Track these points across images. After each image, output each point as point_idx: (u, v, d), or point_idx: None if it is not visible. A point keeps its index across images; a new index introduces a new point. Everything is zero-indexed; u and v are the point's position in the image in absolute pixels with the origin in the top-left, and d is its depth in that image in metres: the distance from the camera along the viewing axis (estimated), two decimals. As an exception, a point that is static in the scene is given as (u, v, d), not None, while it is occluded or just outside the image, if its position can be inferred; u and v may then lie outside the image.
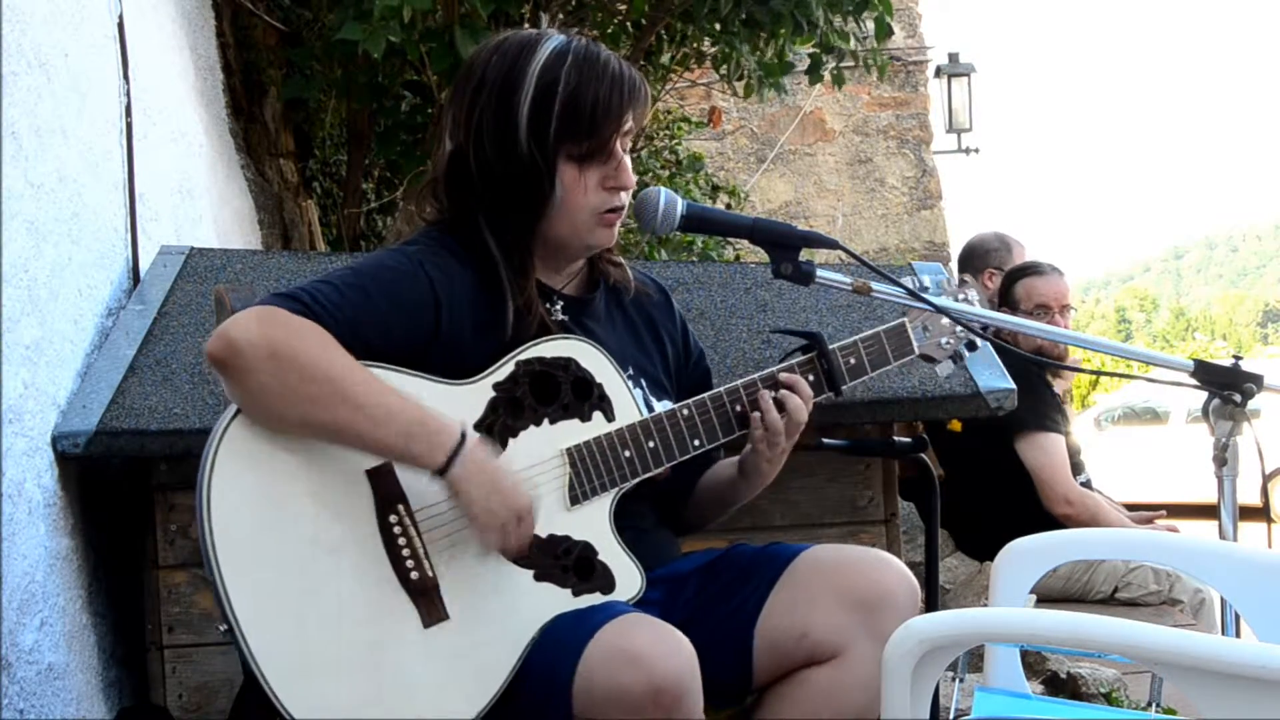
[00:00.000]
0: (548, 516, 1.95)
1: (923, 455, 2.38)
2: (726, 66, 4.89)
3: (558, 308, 2.08)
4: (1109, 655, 2.69)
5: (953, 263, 9.18)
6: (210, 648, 2.63)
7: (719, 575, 2.06)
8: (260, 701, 1.79)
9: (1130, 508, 4.51)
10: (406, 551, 1.86)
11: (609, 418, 2.01)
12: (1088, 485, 4.26)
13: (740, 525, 2.48)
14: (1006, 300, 4.31)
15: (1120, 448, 13.69)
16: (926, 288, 2.13)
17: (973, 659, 2.78)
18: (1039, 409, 4.11)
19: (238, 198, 4.45)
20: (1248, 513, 2.22)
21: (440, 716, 1.82)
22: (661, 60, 5.20)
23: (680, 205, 2.08)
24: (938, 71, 11.03)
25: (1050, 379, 4.33)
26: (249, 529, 1.81)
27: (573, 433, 1.99)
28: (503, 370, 1.96)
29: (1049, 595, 4.11)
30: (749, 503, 2.22)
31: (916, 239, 10.46)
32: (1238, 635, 2.16)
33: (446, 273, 1.98)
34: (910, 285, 2.12)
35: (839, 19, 4.72)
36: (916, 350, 2.20)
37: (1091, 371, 3.94)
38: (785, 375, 2.09)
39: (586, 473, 1.98)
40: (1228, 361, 2.09)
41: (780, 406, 2.06)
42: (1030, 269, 4.40)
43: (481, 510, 1.85)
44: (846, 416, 2.69)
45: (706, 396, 2.06)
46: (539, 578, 1.93)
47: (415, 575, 1.86)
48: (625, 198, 2.06)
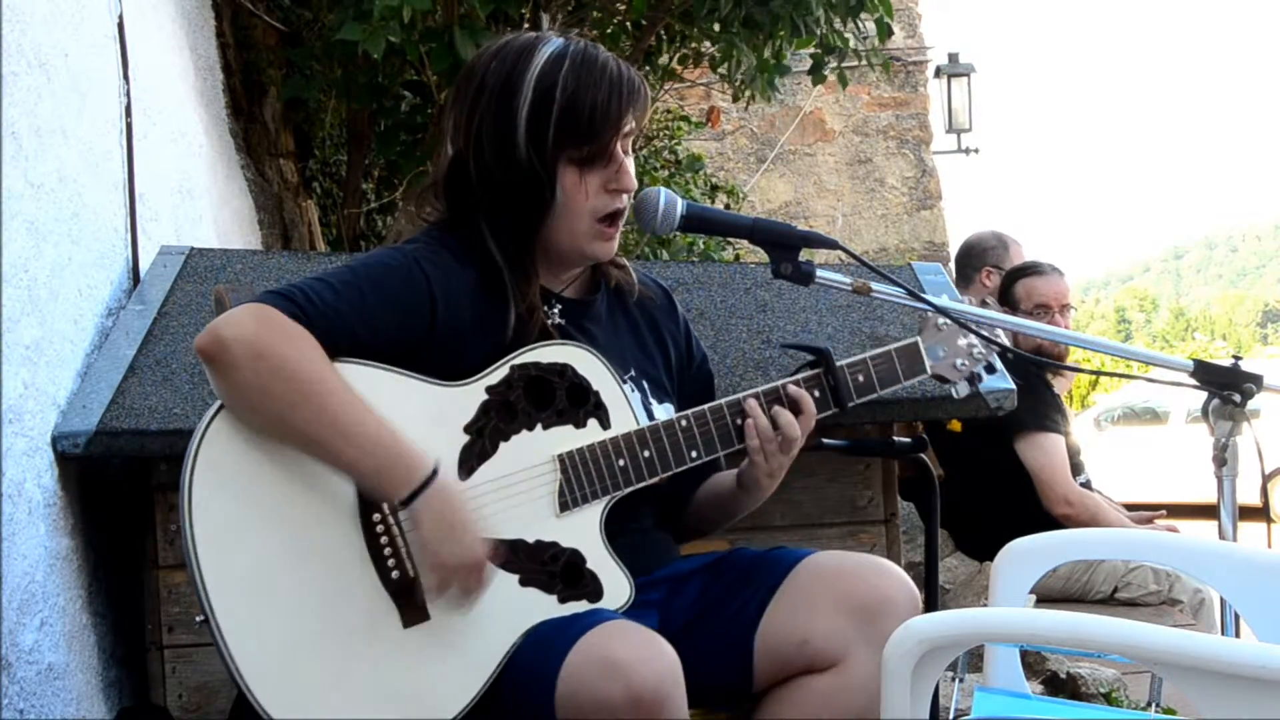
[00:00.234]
0: (536, 522, 1.94)
1: (922, 455, 2.37)
2: (727, 66, 4.88)
3: (555, 311, 2.07)
4: (1109, 655, 2.69)
5: (952, 263, 9.20)
6: (210, 648, 2.60)
7: (720, 578, 2.05)
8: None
9: (1130, 508, 4.51)
10: (388, 550, 1.86)
11: (604, 425, 1.99)
12: (1087, 485, 4.26)
13: (740, 525, 2.48)
14: (1006, 300, 4.30)
15: (1120, 448, 13.68)
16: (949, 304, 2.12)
17: (972, 659, 2.78)
18: (1039, 409, 4.11)
19: (238, 198, 4.44)
20: (1247, 513, 2.22)
21: (419, 717, 1.82)
22: (660, 60, 5.20)
23: (680, 205, 2.08)
24: (937, 72, 11.04)
25: (1050, 379, 4.33)
26: (229, 525, 1.80)
27: (566, 439, 1.97)
28: (497, 374, 1.95)
29: (1049, 595, 4.11)
30: (749, 505, 2.22)
31: (916, 239, 10.46)
32: (1237, 635, 2.17)
33: (445, 272, 1.97)
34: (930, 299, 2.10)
35: (838, 21, 4.71)
36: (929, 370, 2.17)
37: (1091, 371, 3.94)
38: (792, 389, 2.07)
39: (578, 480, 1.96)
40: (1227, 362, 2.09)
41: (775, 422, 2.04)
42: (1030, 269, 4.40)
43: (430, 552, 1.83)
44: (846, 417, 2.68)
45: (706, 408, 2.05)
46: (524, 583, 1.91)
47: (396, 575, 1.85)
48: (627, 200, 2.05)
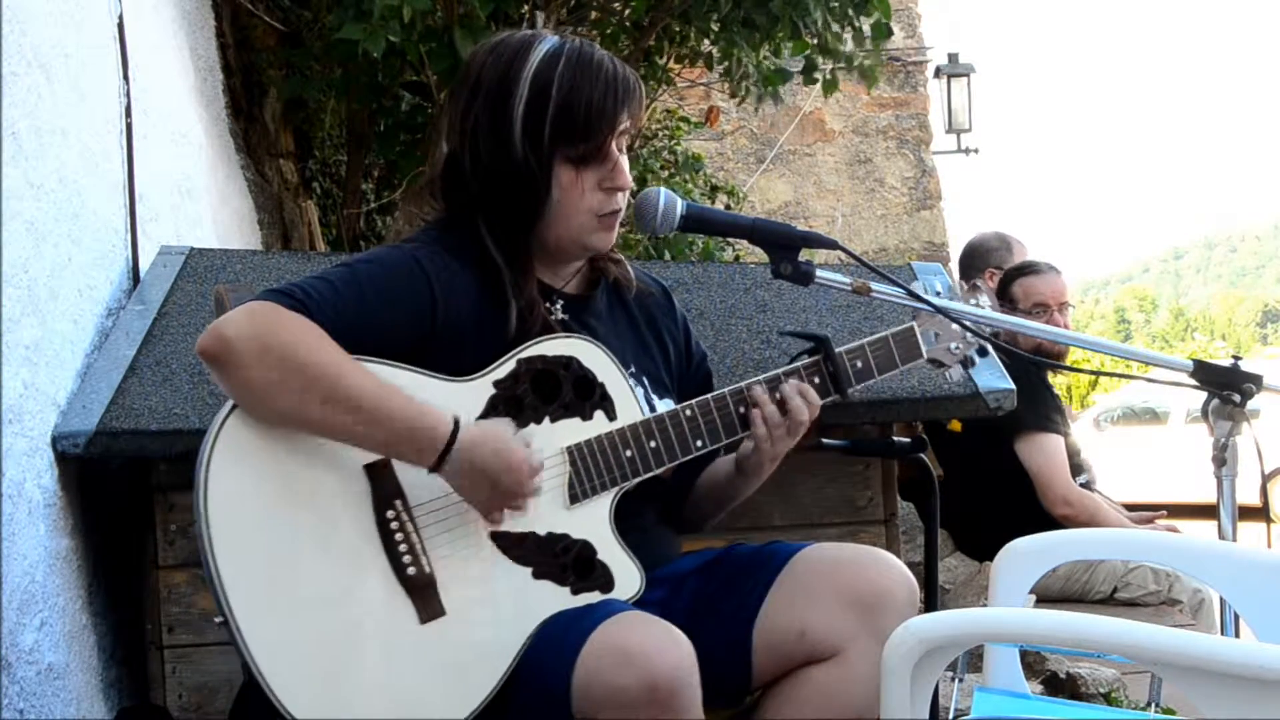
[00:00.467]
0: (547, 514, 1.95)
1: (922, 455, 2.38)
2: (727, 65, 4.89)
3: (558, 307, 2.08)
4: (1108, 655, 2.69)
5: (952, 263, 9.19)
6: (210, 648, 2.63)
7: (718, 574, 2.06)
8: (260, 701, 1.79)
9: (1130, 508, 4.51)
10: (404, 547, 1.87)
11: (610, 417, 2.00)
12: (1088, 486, 4.25)
13: (740, 525, 2.48)
14: (1004, 300, 4.30)
15: (1120, 448, 13.66)
16: (939, 293, 2.12)
17: (972, 659, 2.78)
18: (1039, 409, 4.11)
19: (238, 198, 4.44)
20: (1247, 513, 2.22)
21: (437, 712, 1.83)
22: (659, 61, 5.20)
23: (680, 205, 2.08)
24: (937, 72, 11.04)
25: (1050, 379, 4.32)
26: (246, 524, 1.81)
27: (573, 431, 1.98)
28: (503, 368, 1.96)
29: (1048, 595, 4.11)
30: (749, 502, 2.22)
31: (916, 239, 10.47)
32: (1237, 635, 2.17)
33: (445, 269, 1.98)
34: (920, 289, 2.11)
35: (836, 25, 4.71)
36: (924, 355, 2.18)
37: (1091, 372, 3.95)
38: (792, 382, 2.07)
39: (587, 471, 1.98)
40: (1227, 362, 2.09)
41: (783, 405, 2.06)
42: (1027, 268, 4.40)
43: (477, 500, 1.88)
44: (846, 416, 2.69)
45: (710, 397, 2.06)
46: (537, 575, 1.93)
47: (412, 571, 1.86)
48: (623, 199, 2.06)
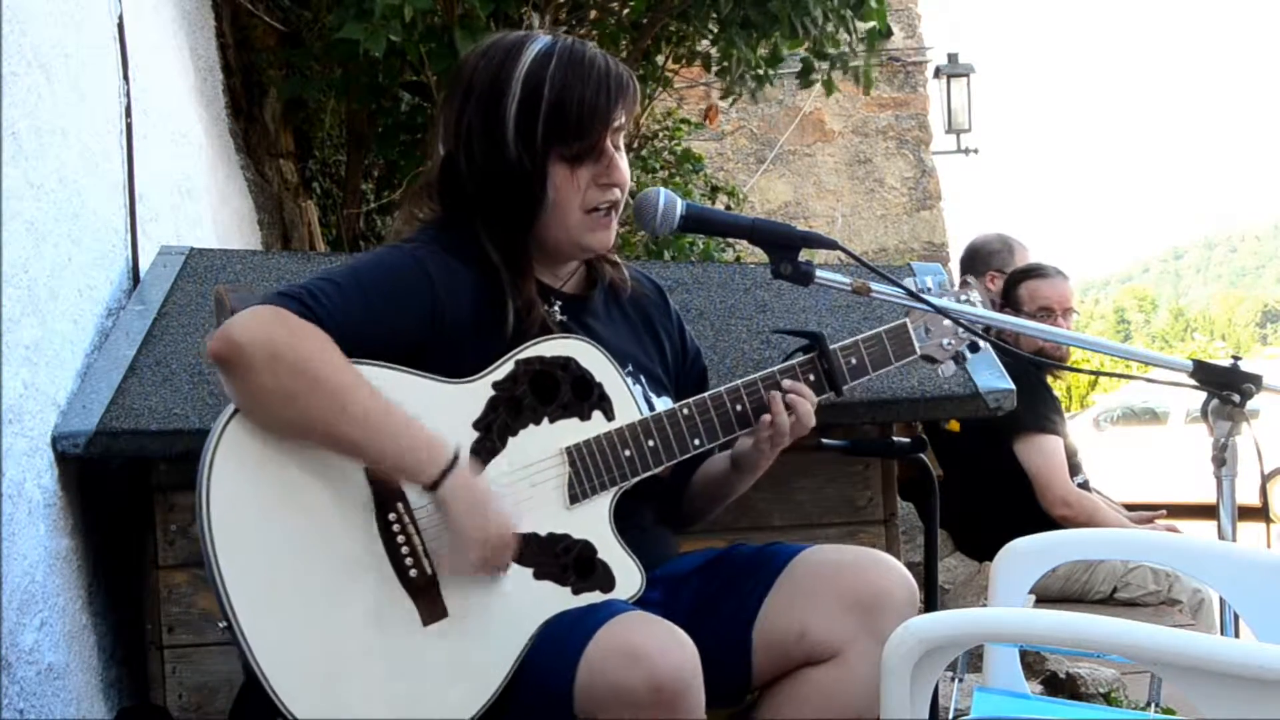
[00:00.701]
0: (547, 515, 1.95)
1: (922, 455, 2.38)
2: (727, 63, 4.89)
3: (556, 307, 2.08)
4: (1108, 655, 2.69)
5: (952, 263, 9.18)
6: (210, 648, 2.63)
7: (718, 575, 2.06)
8: (260, 701, 1.79)
9: (1130, 508, 4.51)
10: (406, 549, 1.87)
11: (609, 417, 2.01)
12: (1085, 486, 4.26)
13: (740, 525, 2.49)
14: (1009, 301, 4.31)
15: (1119, 448, 13.67)
16: (929, 289, 2.13)
17: (972, 659, 2.78)
18: (1038, 410, 4.11)
19: (237, 198, 4.45)
20: (1247, 513, 2.22)
21: (440, 714, 1.83)
22: (657, 60, 5.20)
23: (680, 206, 2.08)
24: (937, 72, 11.04)
25: (1050, 380, 4.32)
26: (248, 527, 1.81)
27: (572, 431, 1.99)
28: (502, 369, 1.96)
29: (1048, 595, 4.11)
30: (748, 503, 2.23)
31: (915, 239, 10.47)
32: (1236, 635, 2.17)
33: (446, 270, 1.98)
34: (912, 286, 2.12)
35: (833, 25, 4.71)
36: (918, 351, 2.18)
37: (1091, 372, 3.95)
38: (789, 383, 2.08)
39: (586, 471, 1.98)
40: (1227, 362, 2.09)
41: (791, 409, 2.06)
42: (1034, 271, 4.40)
43: (464, 531, 1.86)
44: (846, 416, 2.69)
45: (707, 396, 2.06)
46: (538, 576, 1.93)
47: (414, 573, 1.87)
48: (619, 193, 2.06)
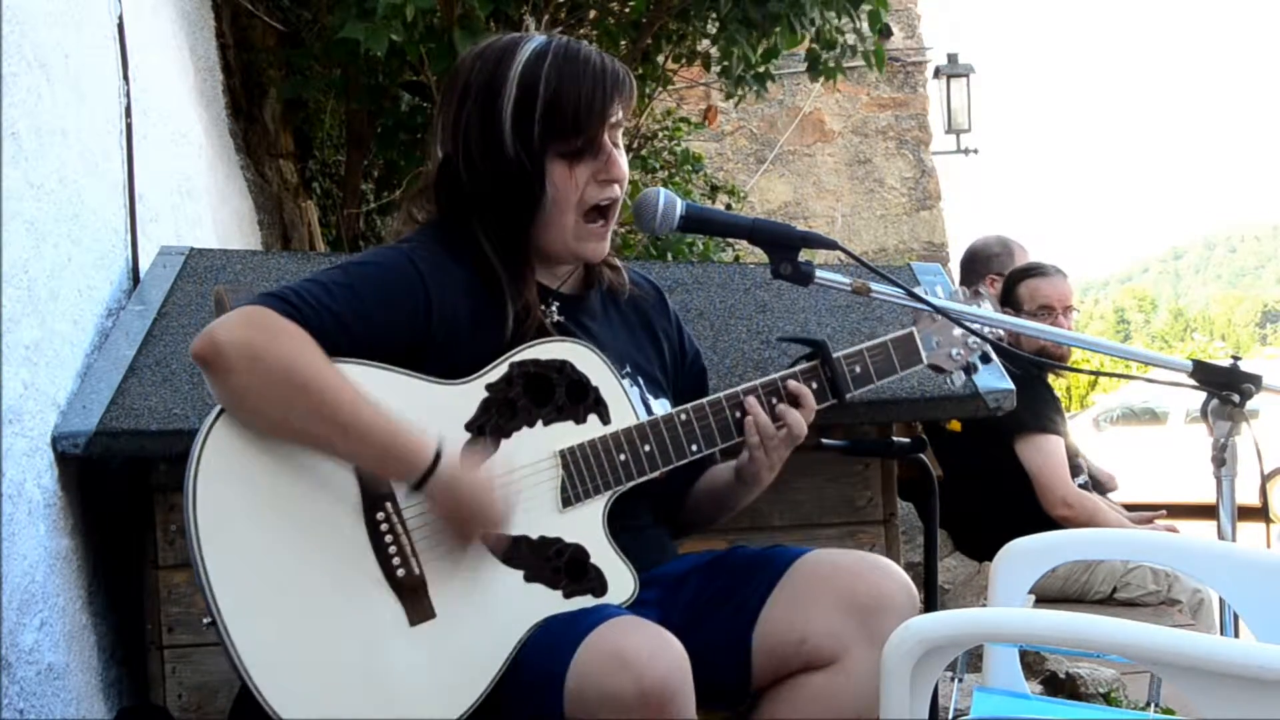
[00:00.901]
0: (539, 518, 1.94)
1: (922, 456, 2.38)
2: (727, 63, 4.89)
3: (554, 308, 2.08)
4: (1107, 655, 2.69)
5: (952, 263, 9.18)
6: (210, 648, 2.62)
7: (717, 576, 2.05)
8: (259, 702, 1.79)
9: (1130, 508, 4.51)
10: (393, 549, 1.86)
11: (604, 421, 2.00)
12: (1086, 487, 4.26)
13: (739, 525, 2.48)
14: (1009, 301, 4.30)
15: (1119, 448, 13.67)
16: (941, 297, 2.12)
17: (972, 659, 2.78)
18: (1039, 410, 4.11)
19: (237, 198, 4.44)
20: (1246, 513, 2.22)
21: (425, 715, 1.82)
22: (657, 60, 5.20)
23: (679, 206, 2.08)
24: (936, 72, 11.04)
25: (1051, 380, 4.32)
26: (235, 526, 1.81)
27: (567, 435, 1.98)
28: (496, 371, 1.96)
29: (1048, 595, 4.10)
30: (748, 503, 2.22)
31: (915, 240, 10.47)
32: (1236, 635, 2.17)
33: (441, 270, 1.98)
34: (920, 292, 2.11)
35: (834, 14, 4.72)
36: (925, 360, 2.17)
37: (1090, 372, 3.95)
38: (792, 384, 2.07)
39: (579, 475, 1.97)
40: (1226, 362, 2.09)
41: (778, 418, 2.05)
42: (1034, 270, 4.40)
43: (446, 527, 1.87)
44: (845, 417, 2.69)
45: (705, 401, 2.05)
46: (529, 578, 1.92)
47: (402, 573, 1.86)
48: (619, 189, 2.05)
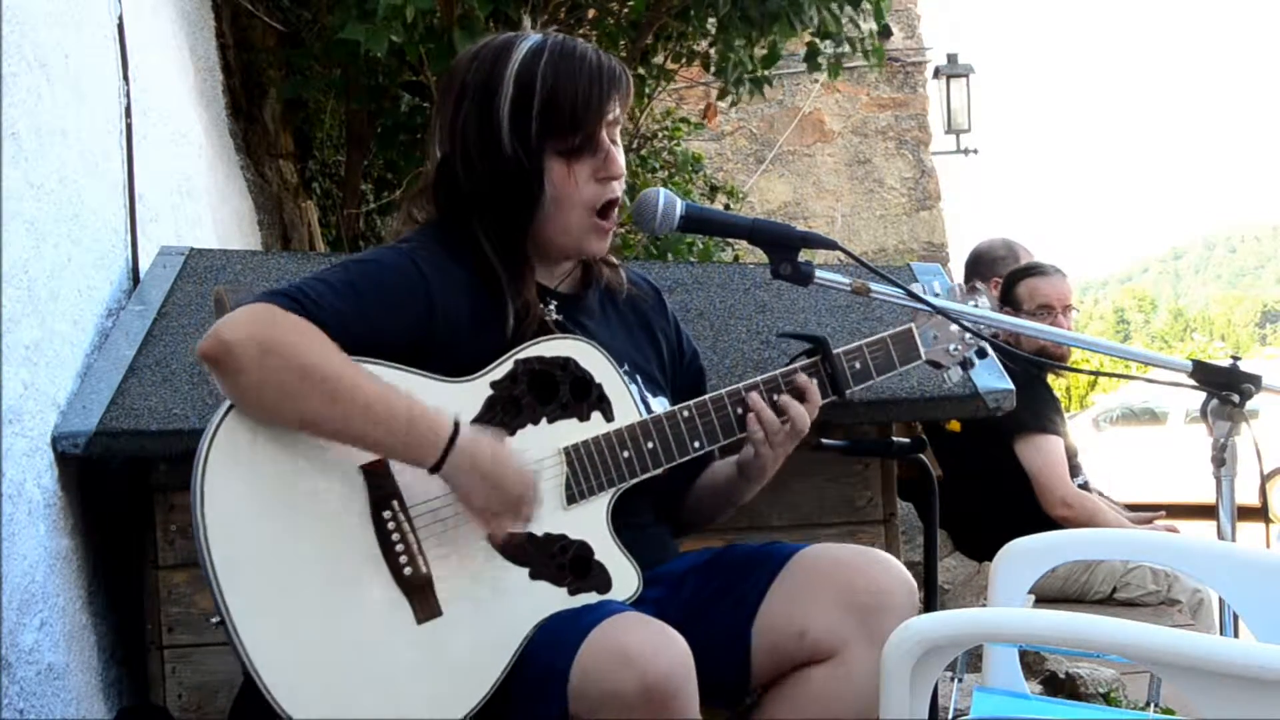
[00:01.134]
0: (544, 515, 1.95)
1: (921, 456, 2.38)
2: (726, 63, 4.89)
3: (552, 307, 2.08)
4: (1107, 655, 2.69)
5: (952, 263, 9.17)
6: (210, 648, 2.63)
7: (716, 574, 2.05)
8: (260, 701, 1.79)
9: (1130, 508, 4.51)
10: (400, 547, 1.87)
11: (608, 418, 2.00)
12: (1085, 487, 4.26)
13: (738, 525, 2.49)
14: (1009, 301, 4.31)
15: (1119, 448, 13.68)
16: (938, 294, 2.12)
17: (971, 659, 2.78)
18: (1039, 410, 4.11)
19: (237, 198, 4.45)
20: (1246, 513, 2.22)
21: (434, 712, 1.82)
22: (656, 60, 5.20)
23: (679, 206, 2.08)
24: (936, 72, 11.04)
25: (1050, 380, 4.32)
26: (242, 525, 1.81)
27: (571, 432, 1.98)
28: (501, 369, 1.96)
29: (1047, 595, 4.10)
30: (747, 502, 2.22)
31: (915, 240, 10.48)
32: (1236, 635, 2.17)
33: (442, 270, 1.98)
34: (919, 290, 2.11)
35: (835, 5, 4.72)
36: (923, 356, 2.17)
37: (1090, 372, 3.95)
38: (800, 379, 2.07)
39: (584, 472, 1.98)
40: (1226, 362, 2.09)
41: (782, 412, 2.06)
42: (1033, 269, 4.40)
43: (477, 502, 1.87)
44: (845, 417, 2.69)
45: (707, 398, 2.06)
46: (534, 576, 1.92)
47: (409, 571, 1.86)
48: (618, 187, 2.05)
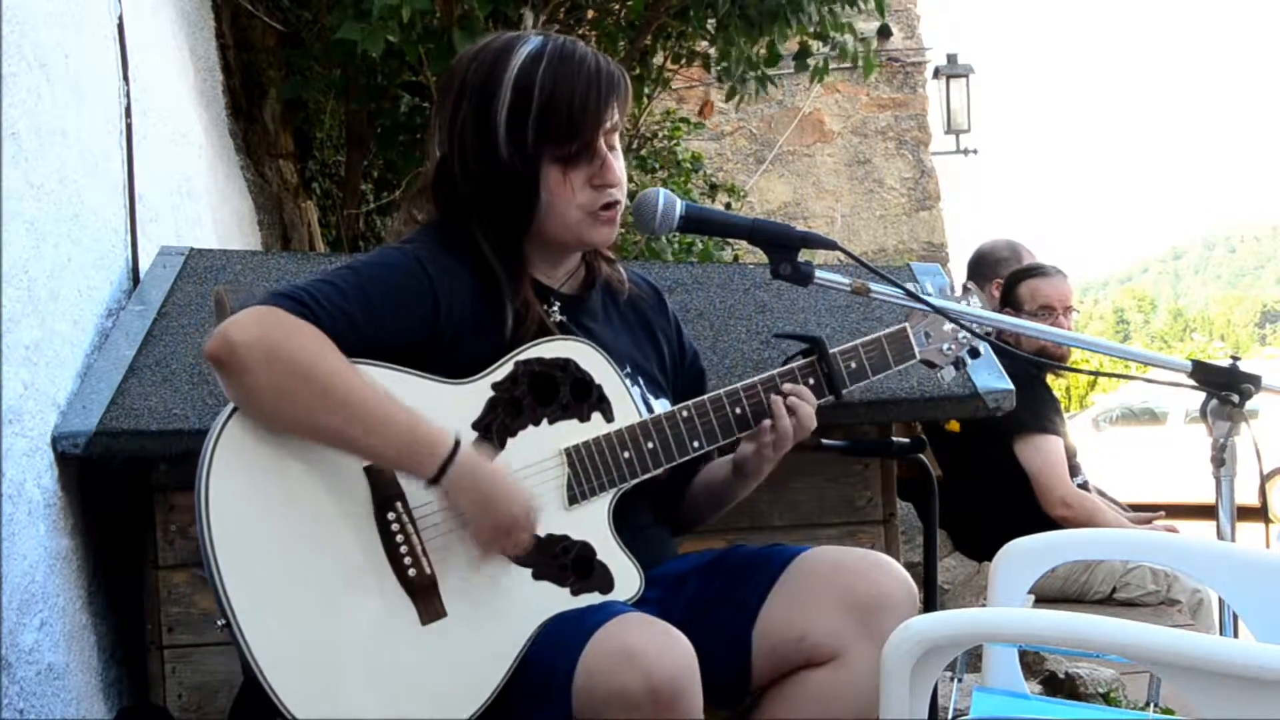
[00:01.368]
0: (546, 516, 1.95)
1: (921, 456, 2.38)
2: (726, 63, 4.89)
3: (555, 308, 2.08)
4: (1107, 655, 2.69)
5: (952, 264, 9.17)
6: (210, 648, 2.63)
7: (717, 576, 2.06)
8: (260, 701, 1.79)
9: (1130, 508, 4.51)
10: (404, 549, 1.87)
11: (608, 418, 2.01)
12: (1084, 487, 4.26)
13: (739, 525, 2.49)
14: (1010, 301, 4.31)
15: (1119, 448, 13.68)
16: (930, 293, 2.13)
17: (971, 659, 2.78)
18: (1038, 410, 4.11)
19: (237, 198, 4.45)
20: (1246, 513, 2.22)
21: (438, 713, 1.83)
22: (655, 61, 5.20)
23: (679, 206, 2.08)
24: (936, 73, 11.04)
25: (1050, 381, 4.32)
26: (247, 526, 1.82)
27: (572, 433, 1.99)
28: (501, 370, 1.96)
29: (1047, 595, 4.11)
30: (748, 503, 2.22)
31: (915, 240, 10.48)
32: (1235, 635, 2.17)
33: (446, 271, 1.98)
34: (913, 289, 2.12)
35: (836, 5, 4.72)
36: (918, 355, 2.18)
37: (1090, 372, 3.95)
38: (789, 385, 2.07)
39: (585, 473, 1.98)
40: (1226, 362, 2.09)
41: (792, 412, 2.06)
42: (1033, 270, 4.40)
43: (474, 519, 1.86)
44: (845, 417, 2.69)
45: (706, 399, 2.06)
46: (537, 576, 1.93)
47: (413, 572, 1.87)
48: (616, 192, 2.04)
